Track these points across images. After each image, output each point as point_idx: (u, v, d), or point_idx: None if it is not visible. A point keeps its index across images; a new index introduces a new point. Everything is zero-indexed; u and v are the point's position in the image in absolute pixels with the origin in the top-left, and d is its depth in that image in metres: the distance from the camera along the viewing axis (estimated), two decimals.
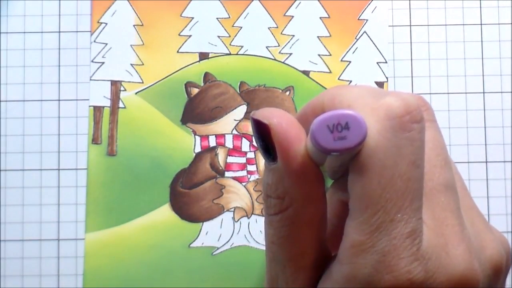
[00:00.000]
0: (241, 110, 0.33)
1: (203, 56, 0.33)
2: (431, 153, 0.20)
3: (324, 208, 0.20)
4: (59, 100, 0.32)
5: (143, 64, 0.33)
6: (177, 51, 0.33)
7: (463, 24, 0.33)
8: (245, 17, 0.33)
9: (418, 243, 0.18)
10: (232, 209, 0.32)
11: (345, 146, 0.18)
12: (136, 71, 0.33)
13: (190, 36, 0.33)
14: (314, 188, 0.20)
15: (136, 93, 0.33)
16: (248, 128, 0.32)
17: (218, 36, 0.33)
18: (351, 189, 0.19)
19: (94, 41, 0.33)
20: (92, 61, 0.33)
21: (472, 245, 0.19)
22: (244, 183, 0.32)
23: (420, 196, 0.18)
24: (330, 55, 0.33)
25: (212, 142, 0.32)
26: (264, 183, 0.20)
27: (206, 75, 0.33)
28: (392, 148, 0.18)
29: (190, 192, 0.32)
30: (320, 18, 0.33)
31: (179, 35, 0.33)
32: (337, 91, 0.21)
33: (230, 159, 0.32)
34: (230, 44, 0.33)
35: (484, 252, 0.20)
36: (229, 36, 0.33)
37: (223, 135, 0.32)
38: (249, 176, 0.32)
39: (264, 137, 0.19)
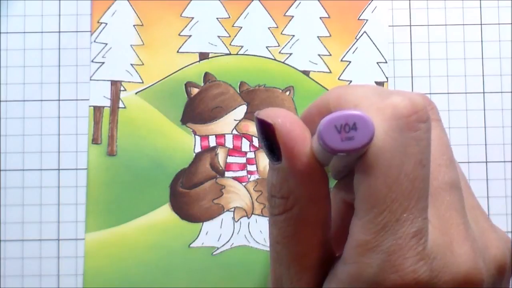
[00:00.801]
0: (241, 110, 0.33)
1: (203, 56, 0.33)
2: (436, 152, 0.20)
3: (329, 208, 0.20)
4: (59, 100, 0.32)
5: (143, 64, 0.33)
6: (177, 51, 0.33)
7: (463, 24, 0.33)
8: (245, 17, 0.33)
9: (423, 243, 0.18)
10: (232, 209, 0.32)
11: (353, 146, 0.18)
12: (136, 71, 0.33)
13: (190, 36, 0.33)
14: (318, 188, 0.20)
15: (136, 93, 0.33)
16: (248, 128, 0.32)
17: (218, 36, 0.33)
18: (356, 189, 0.19)
19: (94, 41, 0.33)
20: (92, 61, 0.33)
21: (477, 244, 0.19)
22: (244, 183, 0.32)
23: (426, 195, 0.18)
24: (330, 55, 0.33)
25: (212, 142, 0.32)
26: (268, 183, 0.20)
27: (206, 75, 0.33)
28: (398, 148, 0.18)
29: (190, 192, 0.32)
30: (320, 18, 0.33)
31: (179, 35, 0.33)
32: (343, 90, 0.21)
33: (230, 159, 0.32)
34: (230, 44, 0.33)
35: (488, 251, 0.20)
36: (229, 36, 0.33)
37: (223, 135, 0.32)
38: (249, 176, 0.32)
39: (269, 136, 0.20)
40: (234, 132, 0.32)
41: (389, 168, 0.18)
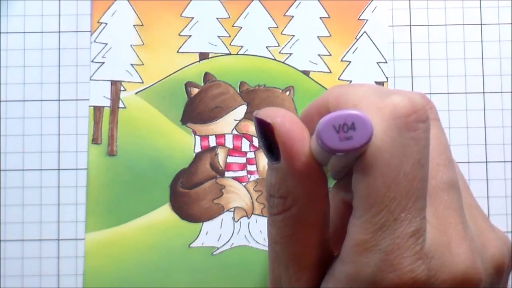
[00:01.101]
0: (241, 110, 0.33)
1: (203, 56, 0.33)
2: (434, 152, 0.20)
3: (327, 208, 0.20)
4: (59, 100, 0.32)
5: (143, 64, 0.33)
6: (177, 51, 0.33)
7: (463, 24, 0.33)
8: (245, 17, 0.33)
9: (421, 242, 0.18)
10: (232, 209, 0.32)
11: (351, 146, 0.18)
12: (136, 71, 0.33)
13: (190, 36, 0.33)
14: (317, 188, 0.20)
15: (136, 93, 0.33)
16: (248, 128, 0.32)
17: (218, 36, 0.33)
18: (355, 188, 0.19)
19: (94, 41, 0.33)
20: (92, 61, 0.33)
21: (475, 244, 0.19)
22: (244, 183, 0.32)
23: (424, 195, 0.18)
24: (330, 55, 0.33)
25: (212, 142, 0.32)
26: (267, 182, 0.20)
27: (206, 75, 0.33)
28: (397, 148, 0.18)
29: (190, 192, 0.32)
30: (320, 18, 0.33)
31: (179, 35, 0.33)
32: (342, 90, 0.21)
33: (230, 159, 0.32)
34: (230, 44, 0.33)
35: (486, 250, 0.20)
36: (229, 36, 0.33)
37: (223, 135, 0.32)
38: (249, 176, 0.32)
39: (267, 136, 0.20)
40: (234, 132, 0.32)
41: (387, 168, 0.18)
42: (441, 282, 0.18)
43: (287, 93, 0.33)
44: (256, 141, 0.32)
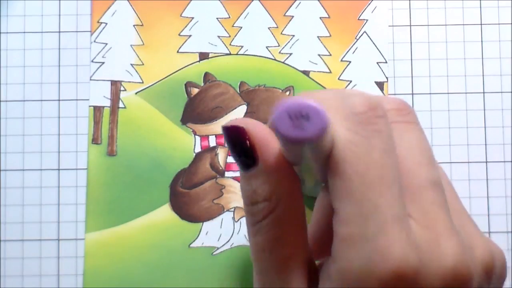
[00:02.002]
0: (241, 110, 0.33)
1: (203, 56, 0.33)
2: (415, 152, 0.20)
3: (304, 208, 0.21)
4: (59, 100, 0.32)
5: (143, 64, 0.33)
6: (177, 51, 0.33)
7: (463, 24, 0.33)
8: (245, 17, 0.33)
9: (406, 228, 0.18)
10: (232, 209, 0.32)
11: (304, 135, 0.17)
12: (136, 71, 0.33)
13: (190, 36, 0.33)
14: (294, 186, 0.20)
15: (136, 93, 0.33)
16: None
17: (218, 36, 0.33)
18: (331, 187, 0.19)
19: (94, 41, 0.33)
20: (92, 61, 0.33)
21: (463, 240, 0.19)
22: None
23: (397, 184, 0.19)
24: (330, 55, 0.33)
25: (212, 142, 0.32)
26: (246, 192, 0.20)
27: (206, 75, 0.33)
28: (362, 140, 0.19)
29: (190, 192, 0.32)
30: (320, 18, 0.33)
31: (179, 35, 0.33)
32: (306, 94, 0.22)
33: (230, 159, 0.32)
34: (230, 44, 0.33)
35: (475, 251, 0.20)
36: (229, 36, 0.33)
37: (223, 135, 0.32)
38: None
39: (241, 142, 0.20)
40: None
41: (357, 159, 0.19)
42: (432, 275, 0.18)
43: (287, 93, 0.33)
44: None
